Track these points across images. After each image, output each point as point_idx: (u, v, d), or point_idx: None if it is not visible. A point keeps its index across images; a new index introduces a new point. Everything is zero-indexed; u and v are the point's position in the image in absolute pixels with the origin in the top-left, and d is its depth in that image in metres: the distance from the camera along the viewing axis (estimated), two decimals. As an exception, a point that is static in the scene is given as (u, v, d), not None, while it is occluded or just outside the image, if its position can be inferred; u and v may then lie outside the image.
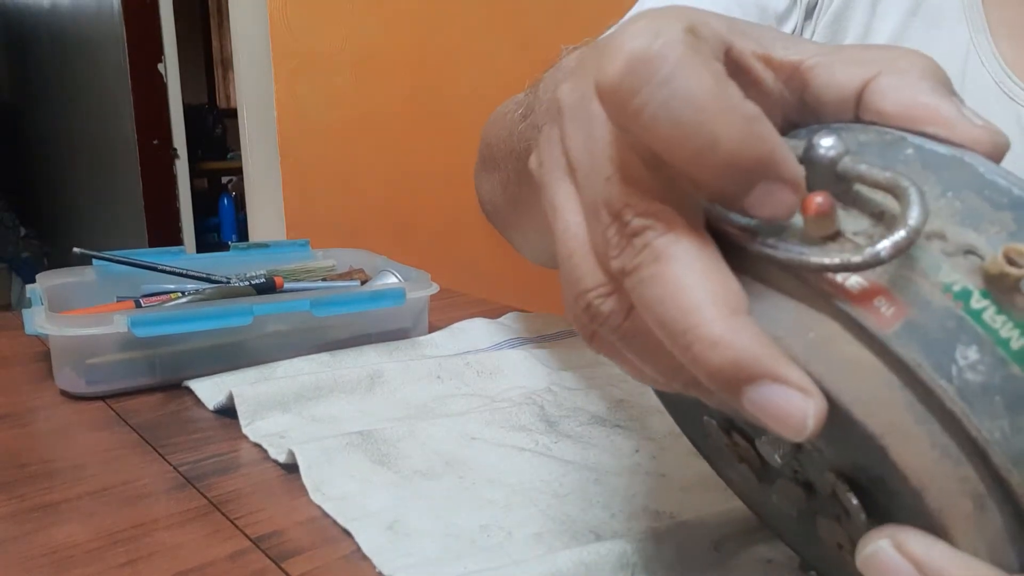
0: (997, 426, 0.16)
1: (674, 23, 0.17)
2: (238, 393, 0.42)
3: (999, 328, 0.16)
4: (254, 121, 1.22)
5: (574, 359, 0.53)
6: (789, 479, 0.23)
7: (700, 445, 0.30)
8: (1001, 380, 0.16)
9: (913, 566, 0.17)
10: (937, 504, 0.17)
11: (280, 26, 1.15)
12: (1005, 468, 0.16)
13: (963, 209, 0.17)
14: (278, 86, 1.17)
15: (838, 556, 0.23)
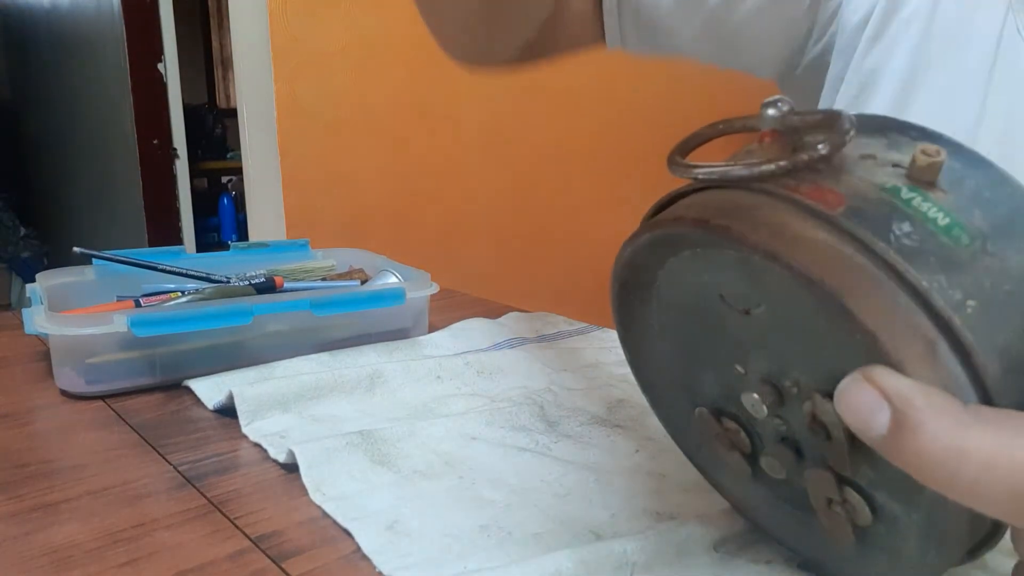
0: (935, 279, 0.19)
1: None
2: (238, 393, 0.42)
3: (925, 210, 0.20)
4: (254, 121, 1.22)
5: (574, 359, 0.53)
6: (776, 442, 0.26)
7: (693, 455, 0.31)
8: (933, 246, 0.20)
9: (879, 392, 0.18)
10: (892, 345, 0.19)
11: (280, 26, 1.15)
12: (947, 313, 0.19)
13: (889, 143, 0.22)
14: (278, 86, 1.17)
15: (830, 519, 0.25)
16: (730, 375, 0.27)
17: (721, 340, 0.26)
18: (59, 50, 2.72)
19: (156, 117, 2.22)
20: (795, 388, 0.24)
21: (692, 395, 0.29)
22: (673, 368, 0.30)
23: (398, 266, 0.59)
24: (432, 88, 1.25)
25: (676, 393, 0.30)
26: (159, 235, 2.26)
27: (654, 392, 0.31)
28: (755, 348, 0.25)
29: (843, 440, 0.22)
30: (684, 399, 0.30)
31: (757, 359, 0.25)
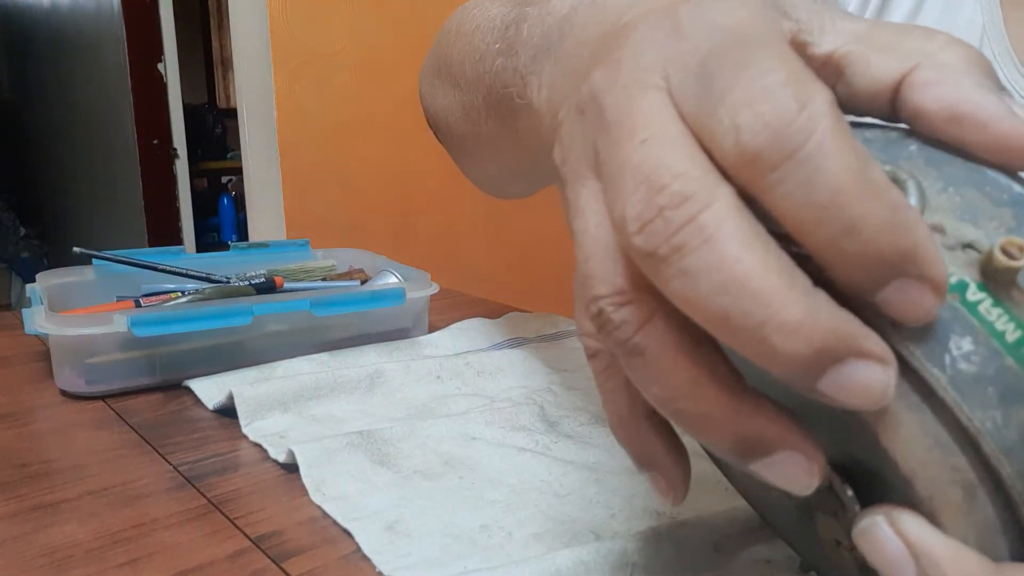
0: (989, 416, 0.16)
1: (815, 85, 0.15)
2: (238, 393, 0.42)
3: (994, 321, 0.16)
4: (254, 121, 1.22)
5: (574, 359, 0.53)
6: None
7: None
8: (995, 371, 0.16)
9: (903, 543, 0.17)
10: (927, 492, 0.17)
11: (280, 26, 1.15)
12: (996, 459, 0.16)
13: (963, 204, 0.17)
14: (278, 86, 1.17)
15: (836, 553, 0.23)
16: None
17: None
18: (59, 50, 2.72)
19: (156, 117, 2.22)
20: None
21: None
22: None
23: (398, 266, 0.59)
24: (432, 88, 1.25)
25: None
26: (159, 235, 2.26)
27: None
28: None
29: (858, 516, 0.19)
30: None
31: None
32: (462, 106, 0.43)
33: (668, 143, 0.16)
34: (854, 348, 0.15)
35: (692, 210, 0.15)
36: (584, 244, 0.18)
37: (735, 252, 0.15)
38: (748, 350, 0.15)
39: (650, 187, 0.16)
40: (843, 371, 0.15)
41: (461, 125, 0.44)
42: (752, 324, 0.15)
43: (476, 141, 0.42)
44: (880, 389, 0.15)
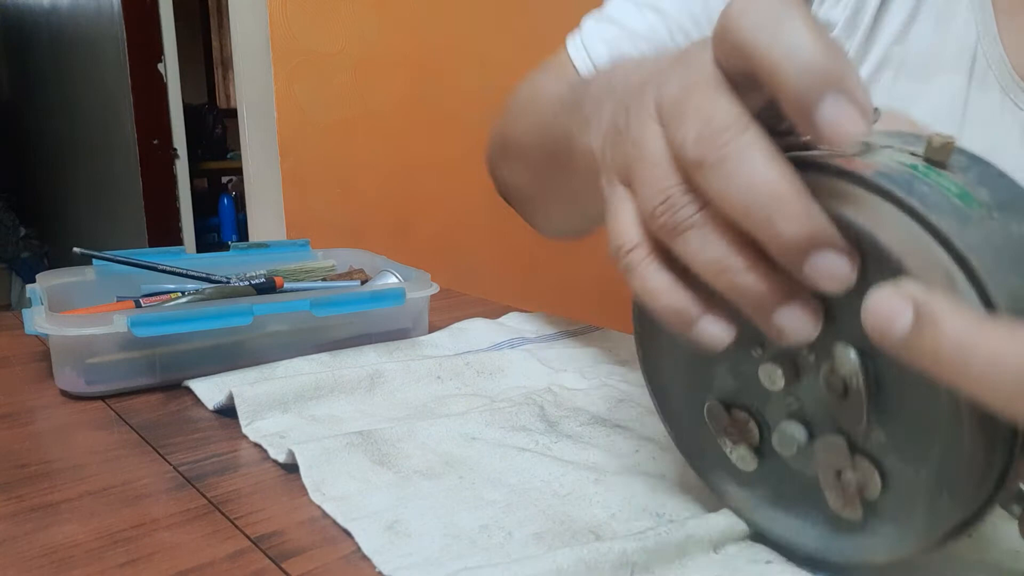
0: (952, 226, 0.22)
1: None
2: (238, 393, 0.42)
3: (939, 180, 0.23)
4: (254, 121, 1.22)
5: (574, 359, 0.53)
6: (788, 418, 0.27)
7: (697, 460, 0.32)
8: (948, 206, 0.22)
9: (903, 297, 0.20)
10: (917, 273, 0.21)
11: (280, 26, 1.15)
12: (963, 252, 0.21)
13: (904, 141, 0.25)
14: (278, 86, 1.17)
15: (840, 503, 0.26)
16: (745, 361, 0.28)
17: (744, 324, 0.27)
18: (59, 50, 2.72)
19: (156, 117, 2.22)
20: (812, 356, 0.26)
21: (703, 393, 0.30)
22: (687, 365, 0.31)
23: (398, 266, 0.59)
24: (432, 88, 1.25)
25: (686, 394, 0.31)
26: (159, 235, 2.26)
27: (664, 396, 0.32)
28: None
29: (861, 390, 0.24)
30: (693, 401, 0.31)
31: None
32: (528, 169, 0.52)
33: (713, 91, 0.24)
34: (832, 240, 0.22)
35: (732, 134, 0.22)
36: (650, 159, 0.25)
37: (760, 164, 0.22)
38: (760, 232, 0.22)
39: (703, 119, 0.23)
40: (823, 255, 0.22)
41: (530, 186, 0.54)
42: (767, 214, 0.22)
43: (543, 194, 0.52)
44: (846, 273, 0.22)
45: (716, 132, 0.23)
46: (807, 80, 0.21)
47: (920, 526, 0.25)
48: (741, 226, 0.22)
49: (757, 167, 0.22)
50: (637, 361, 0.32)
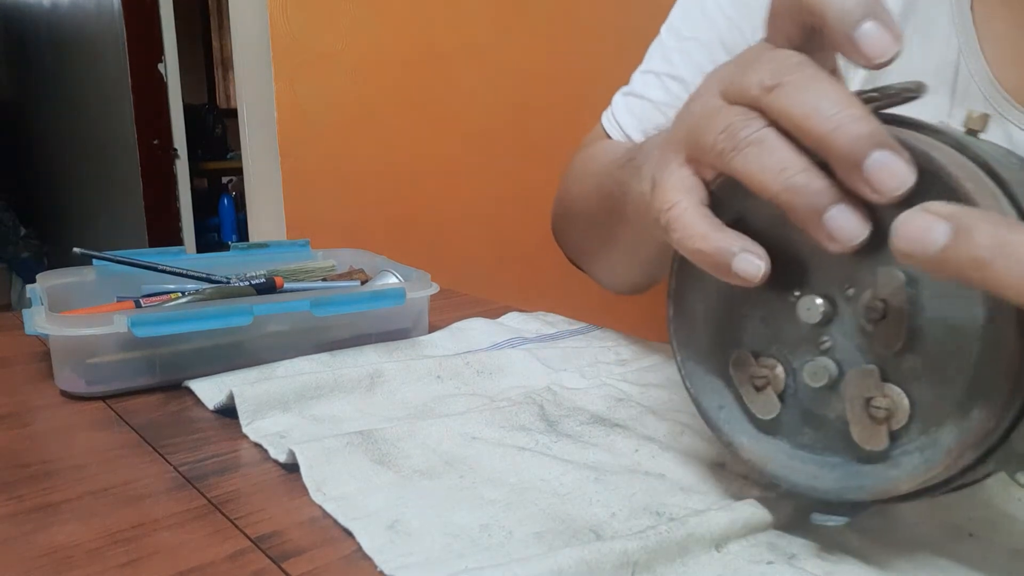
0: (995, 160, 0.25)
1: None
2: (238, 393, 0.42)
3: (979, 142, 0.27)
4: (254, 121, 1.22)
5: (574, 359, 0.53)
6: (819, 355, 0.29)
7: (714, 416, 0.33)
8: (987, 153, 0.26)
9: (937, 215, 0.22)
10: (968, 188, 0.24)
11: (280, 26, 1.15)
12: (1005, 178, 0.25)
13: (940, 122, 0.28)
14: (278, 86, 1.17)
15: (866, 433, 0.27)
16: (781, 305, 0.30)
17: (784, 270, 0.29)
18: (59, 50, 2.72)
19: (156, 117, 2.22)
20: (852, 289, 0.28)
21: (729, 348, 0.32)
22: (718, 321, 0.32)
23: (398, 266, 0.59)
24: (432, 88, 1.25)
25: (711, 351, 0.33)
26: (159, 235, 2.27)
27: (687, 351, 0.33)
28: (820, 265, 0.29)
29: (903, 307, 0.26)
30: (718, 356, 0.32)
31: (820, 275, 0.29)
32: (589, 227, 0.57)
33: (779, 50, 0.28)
34: (892, 143, 0.24)
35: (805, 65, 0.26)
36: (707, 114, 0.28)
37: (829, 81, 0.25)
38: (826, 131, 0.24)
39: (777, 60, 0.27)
40: (883, 154, 0.24)
41: (591, 243, 0.59)
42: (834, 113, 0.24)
43: (603, 249, 0.56)
44: (903, 174, 0.24)
45: (790, 65, 0.26)
46: (849, 8, 0.25)
47: (946, 447, 0.26)
48: (806, 132, 0.25)
49: (828, 84, 0.25)
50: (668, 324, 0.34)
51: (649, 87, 0.64)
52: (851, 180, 0.24)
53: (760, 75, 0.27)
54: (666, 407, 0.45)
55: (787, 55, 0.27)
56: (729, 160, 0.27)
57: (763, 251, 0.27)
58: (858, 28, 0.25)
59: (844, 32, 0.25)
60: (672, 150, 0.31)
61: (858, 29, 0.25)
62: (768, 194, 0.26)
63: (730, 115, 0.27)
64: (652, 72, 0.64)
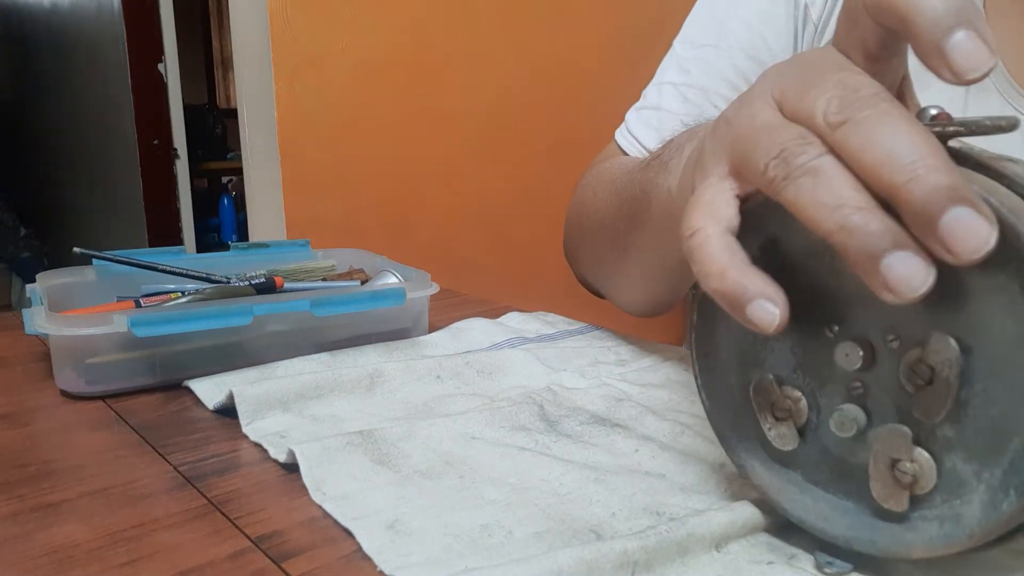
0: None
1: None
2: (238, 392, 0.42)
3: None
4: (254, 121, 1.22)
5: (574, 359, 0.53)
6: (848, 401, 0.27)
7: (727, 435, 0.32)
8: None
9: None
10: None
11: (280, 26, 1.15)
12: None
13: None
14: (278, 86, 1.17)
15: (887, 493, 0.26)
16: (815, 340, 0.28)
17: (821, 301, 0.27)
18: (59, 50, 2.72)
19: (156, 117, 2.22)
20: (896, 342, 0.26)
21: (753, 369, 0.30)
22: (744, 338, 0.31)
23: (398, 266, 0.59)
24: (432, 88, 1.25)
25: (734, 367, 0.31)
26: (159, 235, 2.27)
27: (707, 362, 0.32)
28: (863, 305, 0.26)
29: (952, 381, 0.24)
30: (740, 374, 0.31)
31: (861, 316, 0.27)
32: (608, 237, 0.54)
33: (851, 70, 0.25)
34: (973, 199, 0.21)
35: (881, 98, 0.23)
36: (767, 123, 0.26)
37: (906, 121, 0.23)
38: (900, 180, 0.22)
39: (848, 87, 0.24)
40: (961, 211, 0.21)
41: (608, 254, 0.56)
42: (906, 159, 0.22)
43: (621, 258, 0.53)
44: (985, 235, 0.21)
45: (864, 97, 0.23)
46: (940, 13, 0.22)
47: (971, 524, 0.25)
48: (877, 181, 0.22)
49: (904, 124, 0.22)
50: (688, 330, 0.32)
51: (666, 98, 0.63)
52: (925, 238, 0.22)
53: (826, 103, 0.24)
54: (666, 407, 0.45)
55: (858, 81, 0.24)
56: (780, 189, 0.24)
57: (783, 297, 0.25)
58: (950, 38, 0.22)
59: (934, 41, 0.22)
60: (714, 158, 0.29)
61: (950, 39, 0.22)
62: (820, 231, 0.23)
63: (784, 137, 0.25)
64: (668, 83, 0.63)
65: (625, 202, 0.49)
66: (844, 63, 0.25)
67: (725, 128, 0.29)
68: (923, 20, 0.23)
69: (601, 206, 0.56)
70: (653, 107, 0.64)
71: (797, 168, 0.24)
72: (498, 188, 1.29)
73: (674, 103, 0.62)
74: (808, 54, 0.27)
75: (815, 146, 0.24)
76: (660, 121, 0.62)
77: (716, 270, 0.25)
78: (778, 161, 0.24)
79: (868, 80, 0.24)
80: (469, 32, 1.25)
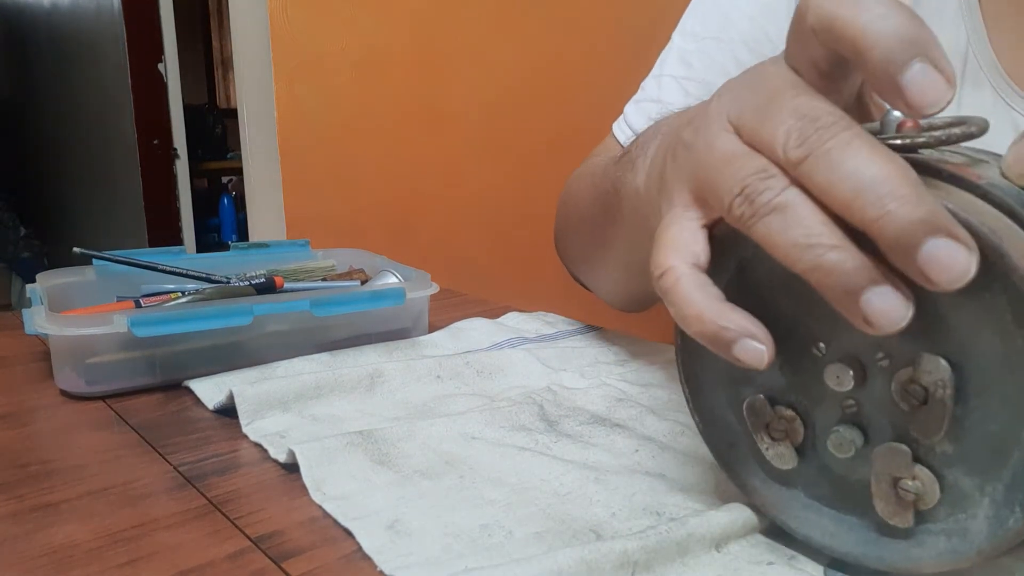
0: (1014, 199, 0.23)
1: None
2: (238, 392, 0.42)
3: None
4: (254, 121, 1.22)
5: (574, 359, 0.53)
6: (841, 423, 0.27)
7: (723, 454, 0.31)
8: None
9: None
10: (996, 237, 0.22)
11: (280, 26, 1.15)
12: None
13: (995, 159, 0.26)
14: (278, 86, 1.17)
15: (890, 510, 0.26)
16: (803, 359, 0.27)
17: (807, 320, 0.27)
18: (59, 50, 2.72)
19: (156, 117, 2.22)
20: (886, 360, 0.25)
21: (743, 388, 0.30)
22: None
23: (398, 266, 0.59)
24: (432, 88, 1.25)
25: (724, 387, 0.30)
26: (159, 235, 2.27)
27: (696, 383, 0.31)
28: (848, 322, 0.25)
29: (947, 401, 0.24)
30: (731, 393, 0.30)
31: (848, 333, 0.26)
32: (587, 231, 0.55)
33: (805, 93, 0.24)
34: (947, 228, 0.20)
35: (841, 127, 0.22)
36: (727, 154, 0.25)
37: (872, 151, 0.21)
38: (872, 215, 0.21)
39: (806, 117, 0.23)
40: (937, 243, 0.20)
41: (588, 247, 0.56)
42: (875, 194, 0.21)
43: (602, 255, 0.53)
44: (964, 266, 0.20)
45: (823, 127, 0.22)
46: (894, 45, 0.21)
47: (979, 538, 0.24)
48: (849, 215, 0.21)
49: (868, 153, 0.21)
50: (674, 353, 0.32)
51: (665, 90, 0.62)
52: (905, 269, 0.21)
53: (785, 135, 0.23)
54: (666, 407, 0.45)
55: (815, 108, 0.23)
56: (749, 227, 0.24)
57: (764, 331, 0.24)
58: (906, 72, 0.21)
59: (888, 75, 0.22)
60: (677, 184, 0.28)
61: (906, 74, 0.21)
62: (795, 270, 0.23)
63: (746, 172, 0.24)
64: (668, 76, 0.63)
65: (599, 197, 0.49)
66: (798, 83, 0.24)
67: (685, 154, 0.28)
68: (877, 54, 0.22)
69: (582, 200, 0.56)
70: (653, 99, 0.63)
71: (763, 206, 0.23)
72: (498, 188, 1.29)
73: (675, 96, 0.62)
74: (762, 70, 0.26)
75: (778, 179, 0.23)
76: (660, 113, 0.61)
77: (693, 313, 0.25)
78: (742, 199, 0.24)
79: (825, 106, 0.23)
80: (469, 32, 1.25)
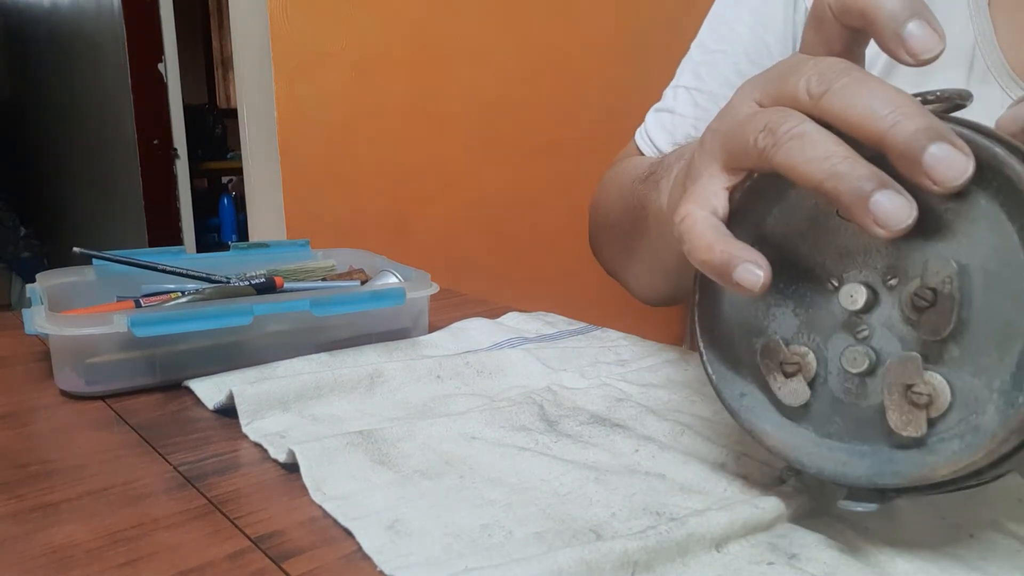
0: None
1: None
2: (238, 392, 0.42)
3: None
4: (254, 121, 1.22)
5: (574, 359, 0.53)
6: (856, 343, 0.29)
7: (736, 404, 0.33)
8: None
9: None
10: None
11: (280, 26, 1.15)
12: None
13: None
14: (278, 86, 1.17)
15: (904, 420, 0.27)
16: (816, 296, 0.30)
17: (821, 261, 0.30)
18: (59, 50, 2.72)
19: (156, 117, 2.22)
20: (895, 279, 0.28)
21: (757, 336, 0.32)
22: (746, 310, 0.32)
23: (398, 266, 0.59)
24: (432, 88, 1.25)
25: (737, 339, 0.33)
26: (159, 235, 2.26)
27: (710, 337, 0.33)
28: (859, 254, 0.29)
29: (955, 294, 0.26)
30: (744, 343, 0.32)
31: (859, 264, 0.29)
32: (618, 238, 0.60)
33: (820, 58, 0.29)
34: (950, 136, 0.24)
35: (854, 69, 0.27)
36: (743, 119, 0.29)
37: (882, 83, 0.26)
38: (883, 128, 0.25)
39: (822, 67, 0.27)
40: (942, 147, 0.24)
41: (621, 253, 0.61)
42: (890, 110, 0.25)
43: (632, 259, 0.58)
44: (963, 166, 0.24)
45: (840, 70, 0.27)
46: (896, 8, 0.26)
47: (991, 426, 0.25)
48: (864, 133, 0.25)
49: (879, 85, 0.26)
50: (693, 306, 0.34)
51: (679, 102, 0.66)
52: (912, 174, 0.25)
53: (806, 82, 0.27)
54: (666, 407, 0.45)
55: (831, 61, 0.27)
56: (771, 156, 0.27)
57: (765, 262, 0.27)
58: (906, 27, 0.26)
59: (892, 31, 0.26)
60: (704, 161, 0.31)
61: (906, 28, 0.26)
62: (813, 183, 0.26)
63: (768, 114, 0.28)
64: (682, 87, 0.67)
65: (628, 210, 0.53)
66: (817, 56, 0.29)
67: (711, 136, 0.32)
68: (883, 14, 0.27)
69: (611, 207, 0.61)
70: (668, 110, 0.67)
71: (783, 135, 0.27)
72: (498, 188, 1.29)
73: (686, 107, 0.66)
74: (779, 63, 0.30)
75: (796, 115, 0.27)
76: (673, 124, 0.66)
77: (703, 244, 0.28)
78: (765, 133, 0.27)
79: (840, 60, 0.27)
80: (469, 32, 1.25)
